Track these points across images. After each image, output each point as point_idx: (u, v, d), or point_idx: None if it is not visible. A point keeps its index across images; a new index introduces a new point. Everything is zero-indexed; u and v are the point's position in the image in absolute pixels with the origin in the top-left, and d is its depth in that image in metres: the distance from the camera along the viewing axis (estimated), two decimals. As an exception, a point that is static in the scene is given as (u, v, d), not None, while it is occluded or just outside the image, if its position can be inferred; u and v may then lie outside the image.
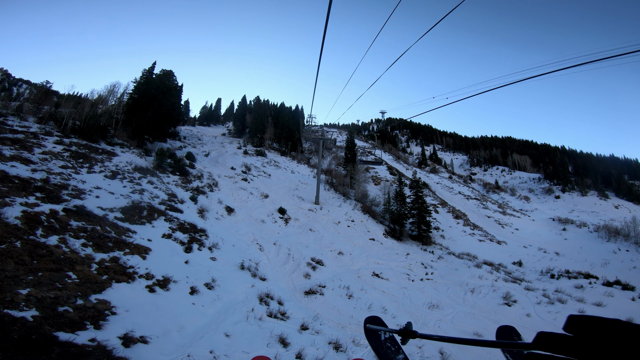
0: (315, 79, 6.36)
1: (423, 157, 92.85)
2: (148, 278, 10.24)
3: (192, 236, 14.68)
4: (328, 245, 20.21)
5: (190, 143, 36.28)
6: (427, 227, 26.18)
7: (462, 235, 32.03)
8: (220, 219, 18.65)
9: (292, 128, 47.13)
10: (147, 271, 10.53)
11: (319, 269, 17.31)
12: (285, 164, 36.77)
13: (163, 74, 34.84)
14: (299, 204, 24.64)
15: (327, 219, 23.28)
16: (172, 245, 13.20)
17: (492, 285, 19.45)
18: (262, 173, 29.59)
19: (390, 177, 45.85)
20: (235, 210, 20.39)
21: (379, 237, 23.66)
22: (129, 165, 18.56)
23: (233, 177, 25.84)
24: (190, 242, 14.16)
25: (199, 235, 15.23)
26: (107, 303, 8.13)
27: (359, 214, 25.98)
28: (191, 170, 23.35)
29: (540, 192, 75.11)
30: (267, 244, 18.36)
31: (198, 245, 14.36)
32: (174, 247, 13.21)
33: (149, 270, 10.65)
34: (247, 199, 22.59)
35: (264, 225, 20.16)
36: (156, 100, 25.27)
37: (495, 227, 39.40)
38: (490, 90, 5.24)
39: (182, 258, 12.75)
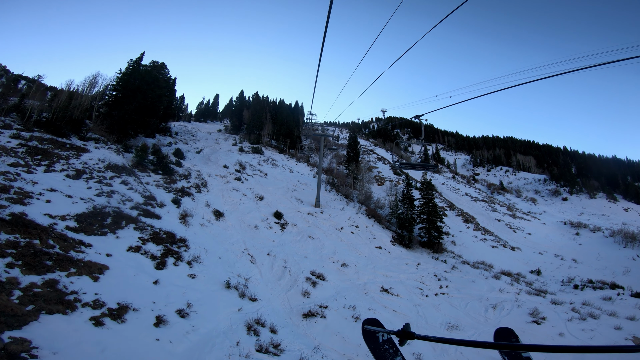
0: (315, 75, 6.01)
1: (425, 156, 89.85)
2: (96, 307, 7.81)
3: (167, 248, 12.23)
4: (330, 255, 17.78)
5: (182, 139, 33.77)
6: (439, 234, 23.78)
7: (474, 241, 29.64)
8: (207, 225, 16.19)
9: (291, 125, 44.65)
10: (96, 297, 8.10)
11: (319, 285, 14.91)
12: (284, 162, 34.30)
13: (153, 66, 32.30)
14: (297, 207, 22.17)
15: (328, 225, 20.83)
16: (140, 261, 10.75)
17: (515, 300, 17.24)
18: (258, 172, 27.12)
19: (395, 177, 43.42)
20: (225, 215, 17.93)
21: (386, 245, 21.23)
22: (100, 163, 16.07)
23: (225, 176, 23.37)
24: (165, 256, 11.71)
25: (177, 247, 12.78)
26: (26, 343, 5.75)
27: (363, 218, 23.53)
28: (177, 168, 20.87)
29: (547, 193, 72.92)
30: (260, 254, 15.94)
31: (174, 260, 11.92)
32: (142, 263, 10.76)
33: (100, 295, 8.22)
34: (239, 201, 20.13)
35: (257, 232, 17.72)
36: (140, 91, 22.73)
37: (507, 231, 37.01)
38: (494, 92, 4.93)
39: (151, 277, 10.30)
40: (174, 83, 41.38)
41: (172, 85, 40.26)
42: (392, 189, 27.74)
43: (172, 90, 38.65)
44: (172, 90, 39.27)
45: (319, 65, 5.14)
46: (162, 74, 35.68)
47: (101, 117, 22.23)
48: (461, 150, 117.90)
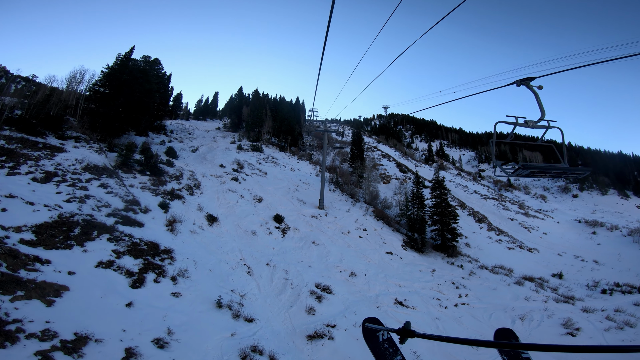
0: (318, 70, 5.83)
1: (430, 153, 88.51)
2: (45, 338, 6.09)
3: (148, 262, 10.45)
4: (336, 263, 15.97)
5: (178, 137, 31.99)
6: (453, 236, 21.92)
7: (489, 242, 27.76)
8: (198, 233, 14.40)
9: (292, 121, 42.76)
10: (46, 326, 6.36)
11: (326, 300, 13.12)
12: (285, 160, 32.46)
13: (145, 61, 30.51)
14: (299, 208, 20.36)
15: (334, 228, 19.00)
16: (111, 279, 8.99)
17: (544, 309, 15.57)
18: (257, 171, 25.31)
19: (400, 175, 41.50)
20: (219, 220, 16.14)
21: (398, 250, 19.39)
22: (77, 163, 14.31)
23: (221, 176, 21.57)
24: (144, 271, 9.94)
25: (161, 259, 10.99)
26: None
27: (371, 220, 21.67)
28: (168, 168, 19.08)
29: (556, 190, 70.86)
30: (258, 264, 14.16)
31: (156, 275, 10.15)
32: (114, 281, 9.00)
33: (52, 324, 6.48)
34: (236, 203, 18.33)
35: (255, 239, 15.92)
36: (127, 86, 20.92)
37: (521, 231, 35.07)
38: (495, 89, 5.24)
39: (124, 298, 8.54)
40: (168, 79, 39.63)
41: (167, 82, 38.49)
42: (400, 187, 25.84)
43: (166, 87, 36.85)
44: (167, 86, 37.49)
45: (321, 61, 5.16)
46: (156, 70, 33.96)
47: (84, 114, 20.45)
48: (465, 147, 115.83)
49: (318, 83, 8.48)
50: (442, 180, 23.25)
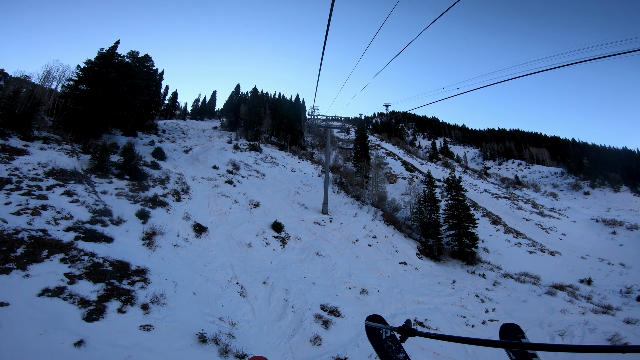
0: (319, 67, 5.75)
1: (434, 150, 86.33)
2: None
3: (112, 286, 8.35)
4: (344, 278, 13.82)
5: (170, 137, 29.90)
6: (472, 242, 19.74)
7: (508, 246, 25.53)
8: (182, 247, 12.28)
9: (292, 119, 40.59)
10: None
11: (334, 325, 10.98)
12: (284, 160, 30.29)
13: (133, 57, 28.43)
14: (300, 214, 18.21)
15: (340, 236, 16.84)
16: (58, 310, 6.92)
17: (585, 323, 13.74)
18: (254, 172, 23.17)
19: (407, 174, 39.27)
20: (208, 230, 14.01)
21: (412, 259, 17.23)
22: (40, 168, 12.20)
23: (214, 179, 19.44)
24: (105, 299, 7.85)
25: (130, 282, 8.88)
26: None
27: (381, 225, 19.48)
28: (152, 171, 16.97)
29: (566, 187, 68.52)
30: (253, 283, 12.04)
31: (121, 303, 8.04)
32: (62, 313, 6.94)
33: None
34: (229, 210, 16.20)
35: (250, 252, 13.79)
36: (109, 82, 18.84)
37: (539, 232, 32.82)
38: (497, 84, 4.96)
39: (72, 335, 6.46)
40: (160, 77, 37.53)
41: (159, 79, 36.39)
42: (410, 189, 23.61)
43: (157, 84, 34.76)
44: (158, 84, 35.39)
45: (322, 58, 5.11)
46: (146, 67, 31.92)
47: (62, 112, 18.36)
48: (469, 144, 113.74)
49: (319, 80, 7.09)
50: (459, 181, 21.05)
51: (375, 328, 2.29)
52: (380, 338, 2.27)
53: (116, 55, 23.23)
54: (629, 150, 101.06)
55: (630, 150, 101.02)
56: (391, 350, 2.21)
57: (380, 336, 2.28)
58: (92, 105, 17.85)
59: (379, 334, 2.28)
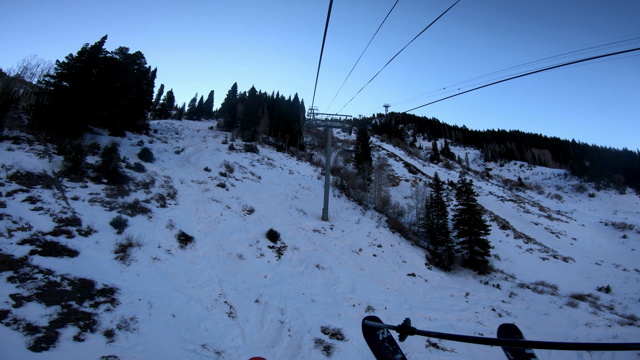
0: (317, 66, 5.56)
1: (435, 151, 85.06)
2: None
3: (70, 309, 6.89)
4: (348, 294, 12.33)
5: (162, 138, 28.37)
6: (484, 250, 18.27)
7: (519, 252, 24.08)
8: (163, 260, 10.76)
9: (290, 119, 39.11)
10: None
11: (337, 351, 9.52)
12: (282, 161, 28.78)
13: (122, 53, 26.89)
14: (299, 221, 16.70)
15: (342, 246, 15.32)
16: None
17: (614, 337, 12.63)
18: (250, 175, 21.66)
19: (410, 176, 37.81)
20: (195, 240, 12.49)
21: (421, 270, 15.73)
22: (4, 170, 10.68)
23: (205, 182, 17.93)
24: (60, 324, 6.41)
25: (94, 304, 7.40)
26: None
27: (386, 233, 17.97)
28: (136, 174, 15.45)
29: (571, 189, 67.23)
30: (244, 301, 10.54)
31: (79, 330, 6.60)
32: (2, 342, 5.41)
33: None
34: (219, 217, 14.68)
35: (242, 265, 12.29)
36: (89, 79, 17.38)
37: (549, 237, 31.38)
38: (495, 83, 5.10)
39: None
40: (153, 75, 35.99)
41: (151, 77, 34.85)
42: (417, 193, 22.08)
43: (149, 82, 33.24)
44: (150, 82, 33.87)
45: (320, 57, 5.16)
46: (138, 64, 30.44)
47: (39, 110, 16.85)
48: (470, 145, 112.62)
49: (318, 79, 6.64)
50: (470, 184, 19.56)
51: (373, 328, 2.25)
52: (378, 339, 2.22)
53: (103, 51, 21.76)
54: (629, 151, 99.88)
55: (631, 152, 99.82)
56: (388, 351, 2.16)
57: (377, 337, 2.23)
58: (71, 103, 16.33)
59: (376, 335, 2.24)
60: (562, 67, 3.98)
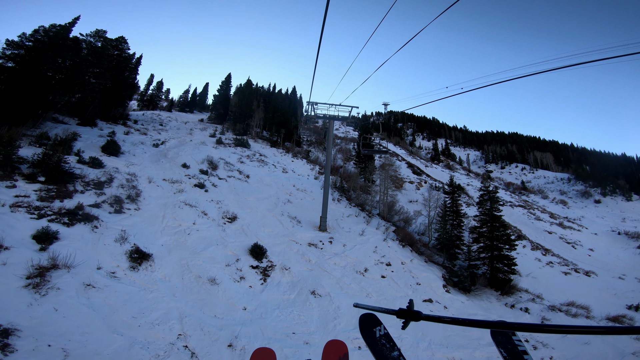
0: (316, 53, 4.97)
1: (435, 151, 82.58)
2: None
3: None
4: (352, 332, 9.52)
5: (142, 129, 25.31)
6: (509, 268, 15.58)
7: (539, 266, 21.50)
8: (97, 288, 7.86)
9: (287, 113, 36.11)
10: None
11: None
12: (275, 158, 25.82)
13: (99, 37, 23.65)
14: (291, 231, 13.81)
15: (344, 264, 12.46)
16: None
17: None
18: (236, 173, 18.71)
19: (414, 178, 35.04)
20: (153, 258, 9.59)
21: (439, 294, 12.95)
22: None
23: (180, 181, 14.97)
24: None
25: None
26: None
27: (395, 247, 15.13)
28: (89, 170, 12.46)
29: (575, 195, 65.04)
30: (212, 346, 7.74)
31: None
32: None
33: None
34: (191, 226, 11.76)
35: (213, 292, 9.41)
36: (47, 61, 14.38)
37: (564, 247, 28.86)
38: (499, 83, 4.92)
39: None
40: (138, 62, 32.69)
41: (135, 64, 31.61)
42: (430, 199, 19.23)
43: (133, 69, 30.05)
44: (134, 69, 30.69)
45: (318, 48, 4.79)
46: (120, 49, 27.30)
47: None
48: (469, 146, 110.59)
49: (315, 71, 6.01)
50: (495, 192, 16.80)
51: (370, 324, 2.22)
52: (374, 336, 2.20)
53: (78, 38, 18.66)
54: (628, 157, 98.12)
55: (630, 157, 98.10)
56: (385, 348, 2.14)
57: (374, 334, 2.20)
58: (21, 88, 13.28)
59: (372, 332, 2.21)
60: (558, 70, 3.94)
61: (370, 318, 2.29)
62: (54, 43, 16.94)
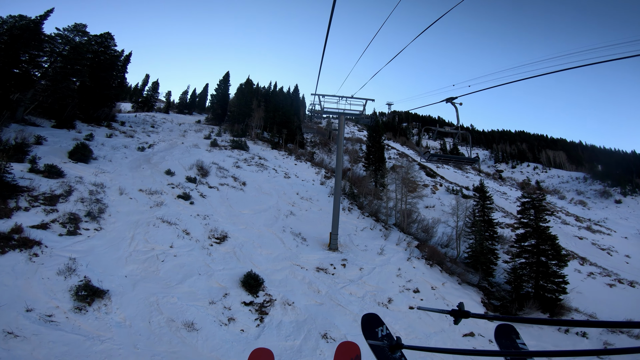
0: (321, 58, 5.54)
1: (443, 151, 79.65)
2: None
3: None
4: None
5: (129, 131, 22.95)
6: (560, 287, 12.99)
7: (581, 278, 18.80)
8: (22, 337, 5.38)
9: (288, 112, 33.67)
10: None
11: None
12: (277, 161, 23.31)
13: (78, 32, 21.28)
14: (295, 253, 11.24)
15: (361, 294, 9.87)
16: None
17: None
18: (231, 180, 16.21)
19: (429, 180, 32.33)
20: (109, 294, 7.11)
21: (481, 325, 10.32)
22: None
23: (160, 192, 12.49)
24: None
25: None
26: None
27: (422, 268, 12.45)
28: (43, 181, 10.04)
29: (594, 195, 61.84)
30: None
31: None
32: None
33: None
34: (167, 250, 9.25)
35: (190, 341, 6.88)
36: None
37: (599, 254, 26.00)
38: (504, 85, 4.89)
39: None
40: (126, 60, 30.31)
41: (124, 62, 29.29)
42: (457, 207, 16.49)
43: (120, 68, 27.79)
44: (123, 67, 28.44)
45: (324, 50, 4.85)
46: (105, 46, 25.06)
47: None
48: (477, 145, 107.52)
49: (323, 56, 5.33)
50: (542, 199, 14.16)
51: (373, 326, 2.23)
52: (377, 336, 2.20)
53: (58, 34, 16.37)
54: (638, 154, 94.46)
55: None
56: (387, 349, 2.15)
57: (376, 334, 2.21)
58: None
59: (375, 332, 2.22)
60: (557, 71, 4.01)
61: (372, 318, 2.26)
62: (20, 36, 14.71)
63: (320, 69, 7.05)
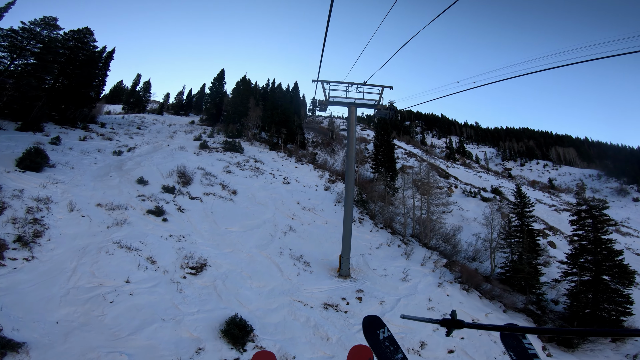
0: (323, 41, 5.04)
1: (450, 149, 77.22)
2: None
3: None
4: None
5: (108, 133, 20.55)
6: (623, 307, 10.54)
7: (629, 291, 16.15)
8: None
9: (288, 110, 31.22)
10: None
11: None
12: (275, 164, 20.80)
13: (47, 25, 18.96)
14: (296, 283, 8.73)
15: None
16: None
17: None
18: (218, 188, 13.72)
19: (442, 182, 29.68)
20: (28, 348, 4.61)
21: None
22: None
23: (125, 206, 10.03)
24: None
25: None
26: None
27: (457, 294, 9.85)
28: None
29: (610, 193, 59.55)
30: None
31: None
32: None
33: None
34: (119, 287, 6.78)
35: None
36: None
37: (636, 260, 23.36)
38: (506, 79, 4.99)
39: None
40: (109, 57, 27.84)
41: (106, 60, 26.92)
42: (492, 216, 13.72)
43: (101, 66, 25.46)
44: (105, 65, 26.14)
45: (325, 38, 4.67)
46: (84, 42, 22.75)
47: None
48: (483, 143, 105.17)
49: None
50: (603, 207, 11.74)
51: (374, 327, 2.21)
52: (378, 338, 2.17)
53: None
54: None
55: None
56: (389, 350, 2.11)
57: (377, 337, 2.17)
58: None
59: (376, 334, 2.19)
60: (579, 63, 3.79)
61: (374, 320, 2.23)
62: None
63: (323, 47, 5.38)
